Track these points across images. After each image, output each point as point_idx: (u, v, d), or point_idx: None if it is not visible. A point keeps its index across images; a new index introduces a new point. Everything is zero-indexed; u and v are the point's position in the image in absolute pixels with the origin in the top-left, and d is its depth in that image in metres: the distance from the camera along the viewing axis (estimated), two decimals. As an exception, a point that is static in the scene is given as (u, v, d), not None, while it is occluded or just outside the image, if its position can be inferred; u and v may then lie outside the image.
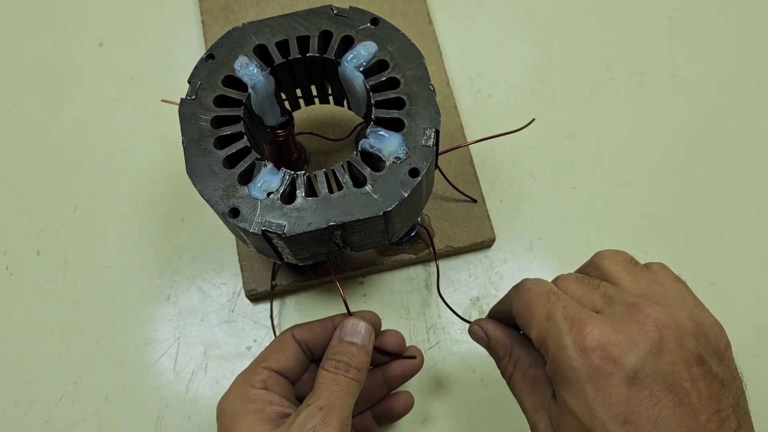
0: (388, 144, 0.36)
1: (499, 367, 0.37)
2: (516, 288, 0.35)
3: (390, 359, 0.42)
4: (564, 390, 0.30)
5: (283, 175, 0.36)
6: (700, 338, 0.31)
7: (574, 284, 0.34)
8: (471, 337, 0.39)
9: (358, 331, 0.38)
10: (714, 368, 0.30)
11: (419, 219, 0.49)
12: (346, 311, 0.39)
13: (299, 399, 0.39)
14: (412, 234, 0.49)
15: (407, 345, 0.42)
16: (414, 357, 0.42)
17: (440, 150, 0.45)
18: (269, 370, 0.38)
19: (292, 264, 0.40)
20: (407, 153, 0.35)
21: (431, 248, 0.48)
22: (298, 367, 0.40)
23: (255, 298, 0.49)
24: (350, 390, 0.36)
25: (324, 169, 0.36)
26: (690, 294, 0.34)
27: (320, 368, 0.37)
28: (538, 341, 0.32)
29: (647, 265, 0.36)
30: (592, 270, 0.35)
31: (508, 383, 0.35)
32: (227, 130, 0.37)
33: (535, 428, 0.33)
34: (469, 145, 0.49)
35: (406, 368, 0.42)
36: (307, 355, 0.40)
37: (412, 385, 0.47)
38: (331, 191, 0.35)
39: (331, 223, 0.34)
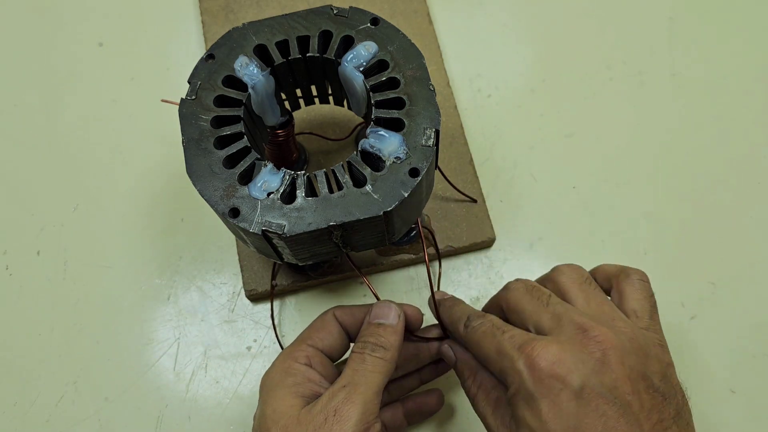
0: (388, 144, 0.36)
1: (463, 387, 0.38)
2: (466, 328, 0.37)
3: (426, 341, 0.41)
4: (521, 410, 0.32)
5: (283, 175, 0.36)
6: (641, 357, 0.33)
7: (525, 298, 0.36)
8: (442, 355, 0.41)
9: (385, 313, 0.38)
10: (655, 383, 0.32)
11: (419, 219, 0.49)
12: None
13: None
14: (412, 234, 0.49)
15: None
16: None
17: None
18: (314, 347, 0.39)
19: (292, 264, 0.40)
20: (407, 153, 0.35)
21: (435, 248, 0.48)
22: (340, 347, 0.40)
23: (255, 298, 0.49)
24: (376, 368, 0.36)
25: (324, 169, 0.36)
26: (641, 312, 0.36)
27: (350, 352, 0.38)
28: (499, 376, 0.34)
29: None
30: (549, 284, 0.37)
31: (472, 402, 0.37)
32: (227, 130, 0.37)
33: None
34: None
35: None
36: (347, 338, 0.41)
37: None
38: (331, 191, 0.35)
39: (331, 223, 0.34)
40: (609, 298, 0.37)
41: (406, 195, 0.35)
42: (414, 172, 0.35)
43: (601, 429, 0.30)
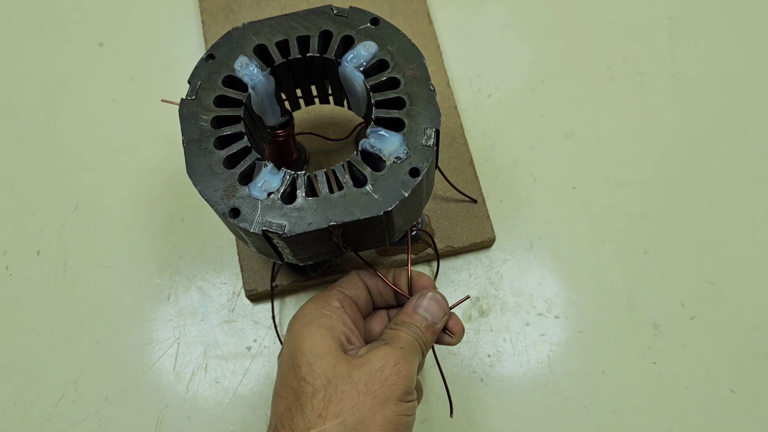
0: (388, 144, 0.36)
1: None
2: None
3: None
4: None
5: (284, 175, 0.36)
6: None
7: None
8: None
9: (436, 313, 0.39)
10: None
11: (419, 220, 0.49)
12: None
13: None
14: (412, 234, 0.49)
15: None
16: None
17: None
18: (344, 294, 0.39)
19: (292, 264, 0.40)
20: (407, 153, 0.35)
21: (434, 250, 0.48)
22: (365, 302, 0.41)
23: (255, 298, 0.49)
24: (420, 357, 0.37)
25: (324, 169, 0.36)
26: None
27: (387, 328, 0.38)
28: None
29: None
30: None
31: None
32: (227, 130, 0.37)
33: None
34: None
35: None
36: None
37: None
38: (331, 191, 0.35)
39: (332, 223, 0.34)
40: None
41: (406, 195, 0.35)
42: (414, 172, 0.35)
43: None
